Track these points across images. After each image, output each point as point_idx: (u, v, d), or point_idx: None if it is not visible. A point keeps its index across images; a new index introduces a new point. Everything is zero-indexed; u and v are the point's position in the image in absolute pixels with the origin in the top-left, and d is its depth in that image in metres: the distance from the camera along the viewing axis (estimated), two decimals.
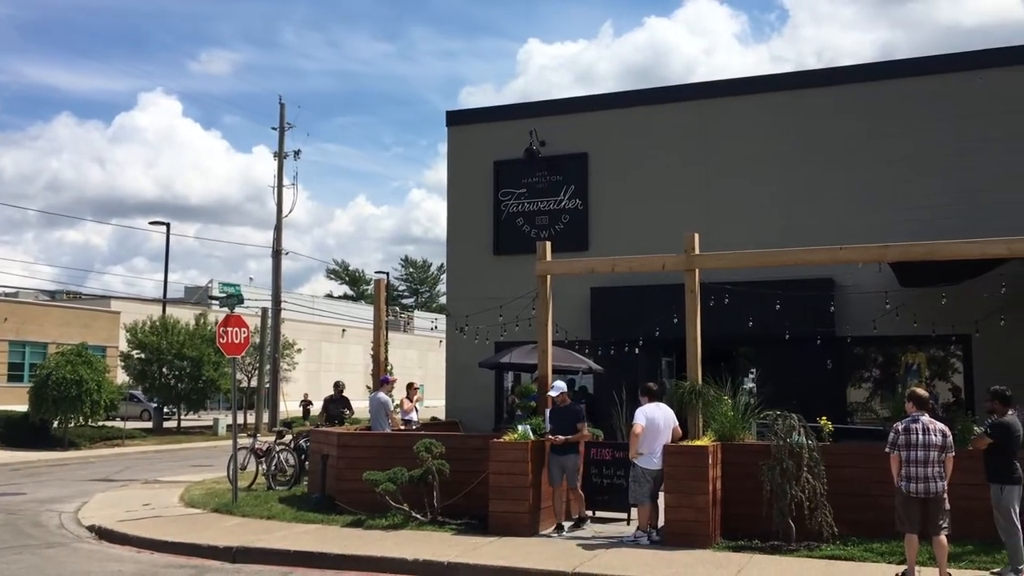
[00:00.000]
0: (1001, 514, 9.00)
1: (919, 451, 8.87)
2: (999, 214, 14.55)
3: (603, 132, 18.46)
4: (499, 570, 9.57)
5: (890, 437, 9.07)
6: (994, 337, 14.28)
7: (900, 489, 8.92)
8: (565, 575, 9.32)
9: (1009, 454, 9.09)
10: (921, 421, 9.03)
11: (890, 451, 9.01)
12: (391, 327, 48.71)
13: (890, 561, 9.52)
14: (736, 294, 14.15)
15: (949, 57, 16.70)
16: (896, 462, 8.95)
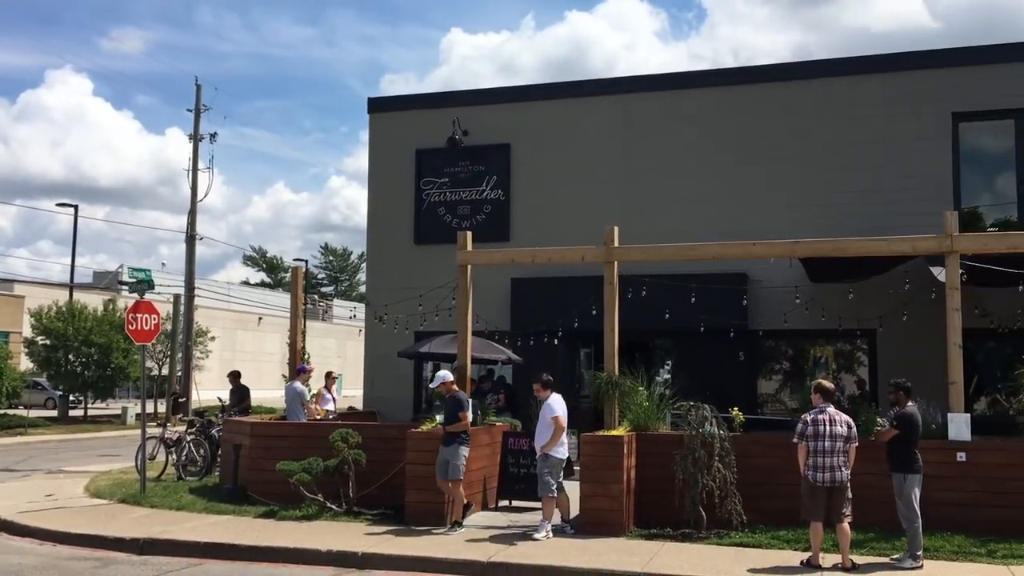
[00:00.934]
0: (903, 502, 9.34)
1: (826, 442, 9.19)
2: (906, 212, 15.04)
3: (526, 123, 18.50)
4: (414, 560, 9.55)
5: (798, 428, 9.35)
6: (897, 332, 14.80)
7: (807, 478, 9.20)
8: (480, 564, 9.35)
9: (912, 444, 9.46)
10: (828, 412, 9.35)
11: (798, 441, 9.29)
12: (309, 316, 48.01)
13: (796, 548, 9.81)
14: (653, 287, 14.36)
15: (858, 60, 17.21)
16: (803, 452, 9.24)
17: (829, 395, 9.55)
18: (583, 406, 17.40)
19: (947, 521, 10.28)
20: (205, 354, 39.17)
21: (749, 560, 9.39)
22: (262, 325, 59.97)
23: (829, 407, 9.41)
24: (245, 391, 16.74)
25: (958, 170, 15.94)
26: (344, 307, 67.04)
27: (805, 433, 9.26)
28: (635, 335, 15.38)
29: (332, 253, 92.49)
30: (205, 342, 38.66)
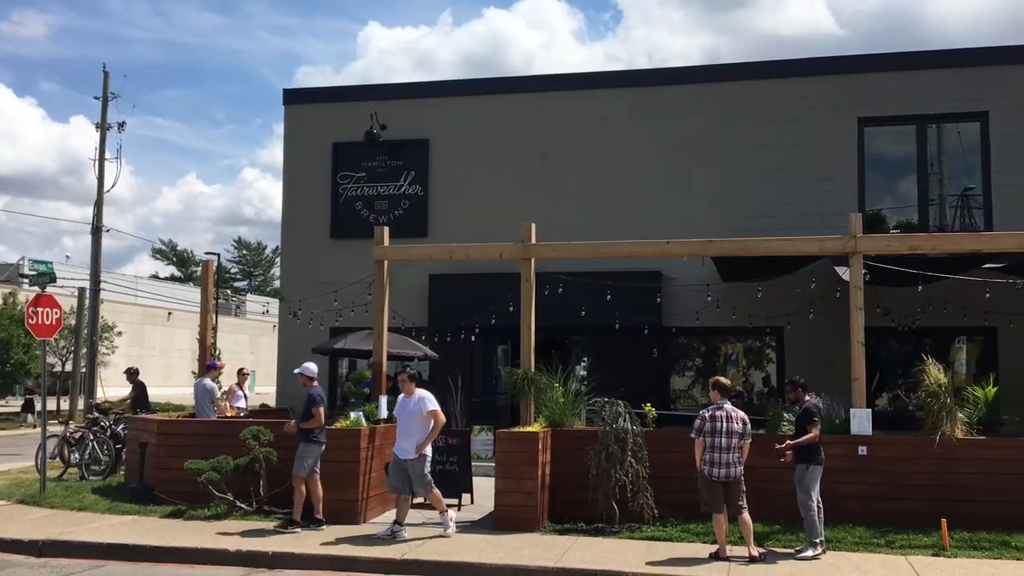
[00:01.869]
0: (803, 491, 9.63)
1: (722, 438, 9.45)
2: (814, 214, 15.51)
3: (445, 119, 18.43)
4: (326, 559, 9.42)
5: (696, 424, 9.57)
6: (804, 329, 15.25)
7: (703, 473, 9.46)
8: (394, 562, 9.29)
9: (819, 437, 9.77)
10: (725, 409, 9.61)
11: (696, 437, 9.51)
12: (222, 311, 46.94)
13: (705, 541, 10.02)
14: (571, 284, 14.48)
15: (769, 64, 17.67)
16: (700, 447, 9.47)
17: (727, 392, 9.81)
18: (500, 403, 17.47)
19: (849, 513, 10.65)
20: (111, 350, 37.93)
21: (659, 553, 9.54)
22: (172, 320, 58.34)
23: (726, 403, 9.67)
24: (142, 388, 16.33)
25: (863, 173, 16.51)
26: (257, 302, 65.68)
27: (703, 429, 9.49)
28: (552, 332, 15.52)
29: (246, 247, 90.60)
30: (111, 337, 37.44)
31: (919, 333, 15.61)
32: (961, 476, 10.61)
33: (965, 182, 16.61)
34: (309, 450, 10.87)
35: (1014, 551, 9.53)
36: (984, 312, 13.89)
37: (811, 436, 9.62)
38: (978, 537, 9.95)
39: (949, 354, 16.10)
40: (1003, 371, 14.72)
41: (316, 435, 10.95)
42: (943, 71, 16.29)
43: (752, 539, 9.37)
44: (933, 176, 16.77)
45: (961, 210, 16.76)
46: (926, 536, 9.99)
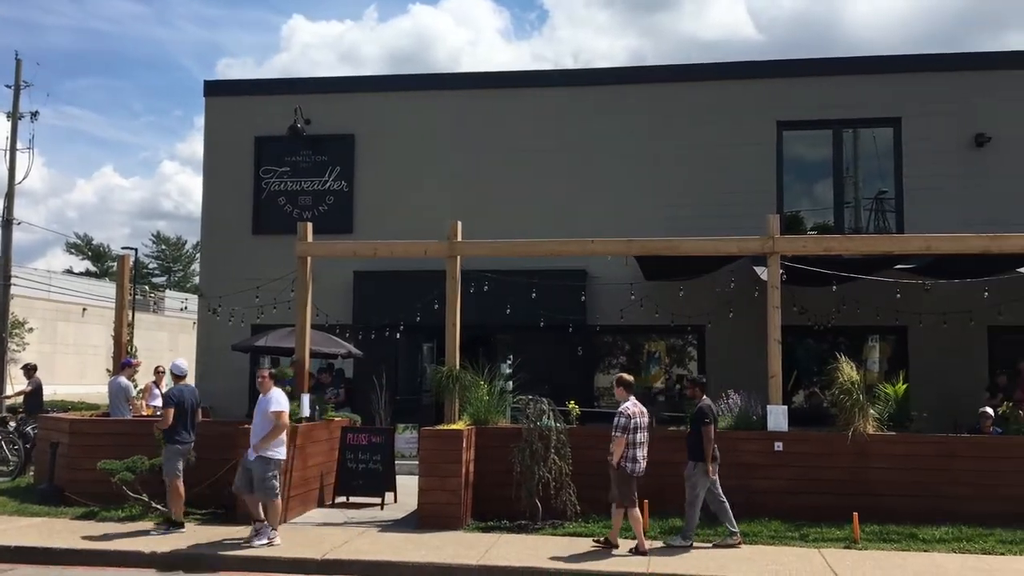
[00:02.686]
0: (690, 487, 9.93)
1: (639, 434, 9.73)
2: (735, 215, 15.79)
3: (371, 114, 18.26)
4: (243, 560, 9.25)
5: (620, 421, 9.68)
6: (724, 328, 15.56)
7: (624, 469, 9.60)
8: (314, 562, 9.17)
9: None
10: (637, 405, 9.88)
11: (621, 435, 9.62)
12: (140, 307, 45.70)
13: (625, 537, 10.13)
14: (497, 282, 14.50)
15: (692, 67, 17.97)
16: (623, 444, 9.59)
17: (631, 388, 10.01)
18: (425, 401, 17.41)
19: (765, 507, 10.90)
20: (22, 346, 36.64)
21: (581, 548, 9.62)
22: (87, 316, 56.49)
23: (632, 398, 9.87)
24: (38, 386, 15.85)
25: (781, 176, 16.90)
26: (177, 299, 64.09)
27: (627, 427, 9.64)
28: (478, 330, 15.51)
29: (165, 242, 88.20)
30: (22, 334, 36.16)
31: (834, 332, 16.07)
32: (872, 471, 10.96)
33: (879, 185, 17.14)
34: (169, 451, 10.51)
35: (921, 543, 9.88)
36: (895, 312, 14.37)
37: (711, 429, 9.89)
38: (888, 530, 10.29)
39: (862, 352, 16.61)
40: (913, 369, 15.29)
41: (176, 436, 10.50)
42: (858, 77, 16.78)
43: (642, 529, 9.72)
44: (848, 180, 17.27)
45: (875, 213, 17.29)
46: (839, 529, 10.28)
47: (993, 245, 11.62)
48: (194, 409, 10.76)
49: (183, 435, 10.58)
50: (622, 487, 9.63)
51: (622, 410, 9.76)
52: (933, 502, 10.77)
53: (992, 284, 13.60)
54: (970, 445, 11.11)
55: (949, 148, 16.24)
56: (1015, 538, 9.97)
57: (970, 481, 10.80)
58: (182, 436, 10.57)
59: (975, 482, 10.79)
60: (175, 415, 10.43)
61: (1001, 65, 16.50)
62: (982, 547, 9.71)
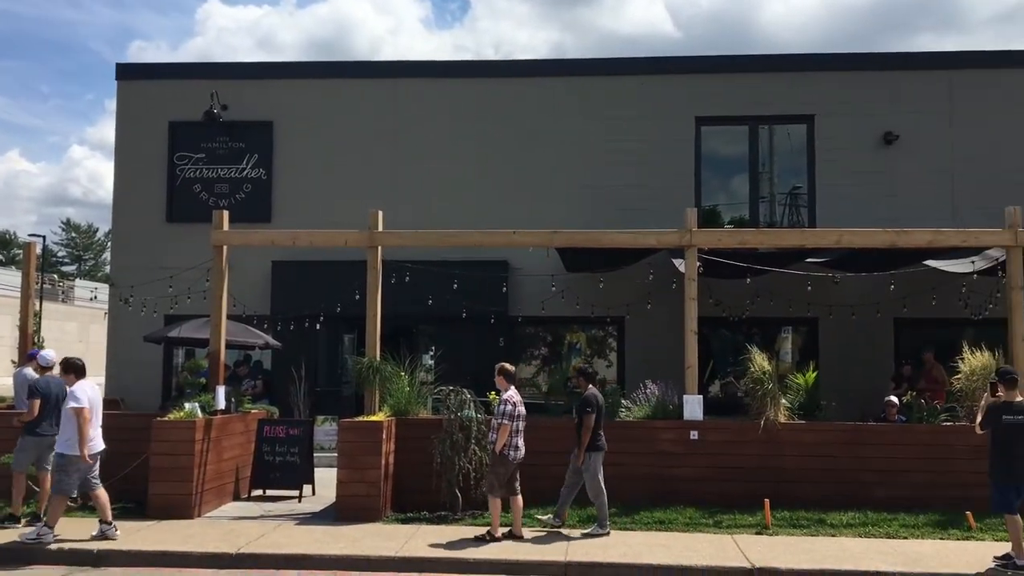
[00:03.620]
0: (588, 477, 10.08)
1: (521, 422, 9.90)
2: (655, 208, 16.00)
3: (290, 101, 17.92)
4: (155, 555, 9.02)
5: (505, 409, 9.77)
6: (643, 319, 15.77)
7: (506, 457, 9.72)
8: (229, 557, 9.00)
9: (596, 425, 10.16)
10: (518, 394, 10.03)
11: (507, 423, 9.72)
12: (47, 296, 44.08)
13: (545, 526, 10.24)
14: (419, 272, 14.41)
15: (614, 61, 18.09)
16: (507, 432, 9.70)
17: (512, 377, 10.16)
18: (346, 392, 17.23)
19: (681, 495, 11.14)
20: None
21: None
22: None
23: (512, 387, 10.04)
24: None
25: (700, 171, 17.19)
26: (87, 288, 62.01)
27: (514, 415, 9.78)
28: (400, 320, 15.42)
29: (75, 229, 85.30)
30: None
31: (749, 323, 16.45)
32: (783, 458, 11.28)
33: (793, 181, 17.57)
34: (24, 443, 10.20)
35: (829, 528, 10.21)
36: (807, 304, 14.80)
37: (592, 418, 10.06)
38: (798, 515, 10.61)
39: (776, 343, 17.04)
40: (823, 359, 15.77)
41: (36, 428, 10.16)
42: (774, 75, 17.16)
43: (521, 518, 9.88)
44: (764, 175, 17.67)
45: (789, 208, 17.74)
46: (751, 516, 10.56)
47: (899, 240, 12.05)
48: (59, 402, 10.13)
49: (44, 427, 10.21)
50: (499, 475, 9.76)
51: (506, 398, 9.85)
52: (841, 488, 11.14)
53: (898, 277, 14.11)
54: (876, 433, 11.52)
55: (859, 146, 16.74)
56: (917, 522, 10.39)
57: (876, 468, 11.21)
58: (43, 428, 10.20)
59: (881, 468, 11.20)
60: (40, 406, 10.10)
61: (909, 66, 17.08)
62: (887, 531, 10.08)
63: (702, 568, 8.62)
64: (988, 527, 10.09)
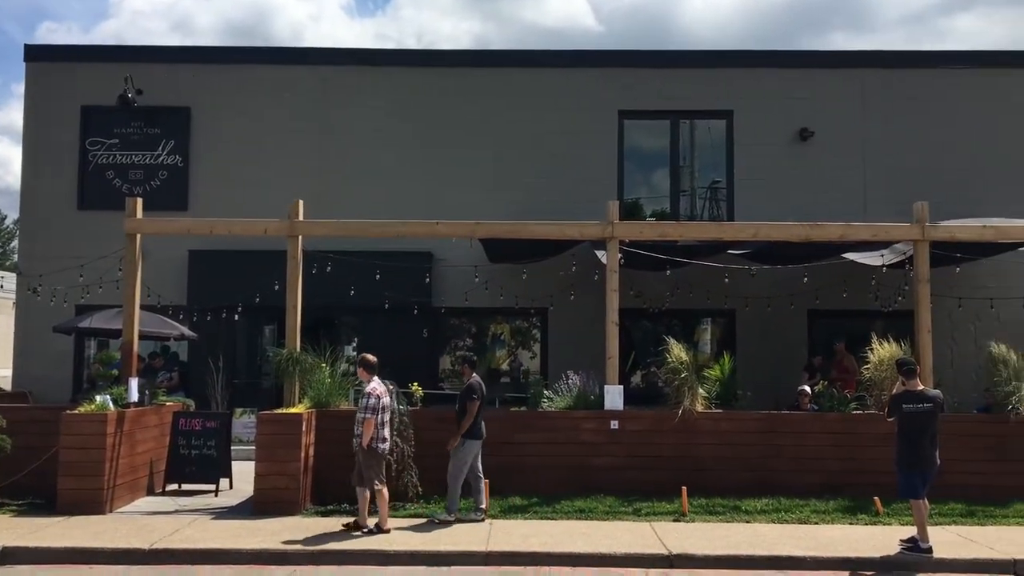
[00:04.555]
0: (454, 463, 10.20)
1: (387, 414, 9.89)
2: (578, 200, 16.08)
3: (210, 87, 17.49)
4: (64, 552, 8.75)
5: (369, 402, 9.71)
6: (566, 310, 15.90)
7: (375, 449, 9.67)
8: (141, 552, 8.78)
9: (478, 413, 10.26)
10: (383, 385, 9.98)
11: (371, 416, 9.65)
12: None
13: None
14: (341, 263, 14.25)
15: (538, 53, 18.10)
16: (373, 425, 9.64)
17: (374, 368, 10.05)
18: (266, 384, 16.95)
19: (601, 484, 11.28)
20: None
21: (423, 529, 9.65)
22: None
23: (376, 378, 9.95)
24: None
25: (622, 163, 17.36)
26: None
27: (377, 407, 9.71)
28: (321, 311, 15.25)
29: None
30: None
31: (669, 315, 16.72)
32: (700, 447, 11.52)
33: (713, 175, 17.89)
34: None
35: (744, 515, 10.47)
36: (725, 296, 15.09)
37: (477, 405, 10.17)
38: (714, 503, 10.85)
39: (695, 334, 17.37)
40: (740, 350, 16.12)
41: None
42: (694, 70, 17.43)
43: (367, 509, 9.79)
44: (685, 169, 17.95)
45: (709, 201, 18.07)
46: (669, 504, 10.76)
47: (812, 233, 12.39)
48: None
49: None
50: (373, 468, 9.70)
51: (370, 391, 9.78)
52: (756, 475, 11.43)
53: (811, 270, 14.49)
54: (789, 421, 11.84)
55: (776, 141, 17.12)
56: (828, 508, 10.73)
57: (789, 455, 11.53)
58: None
59: (793, 456, 11.52)
60: None
61: (823, 64, 17.52)
62: (798, 517, 10.38)
63: (621, 555, 8.74)
64: (895, 512, 10.48)
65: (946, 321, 14.92)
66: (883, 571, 8.55)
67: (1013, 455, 11.44)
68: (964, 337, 15.41)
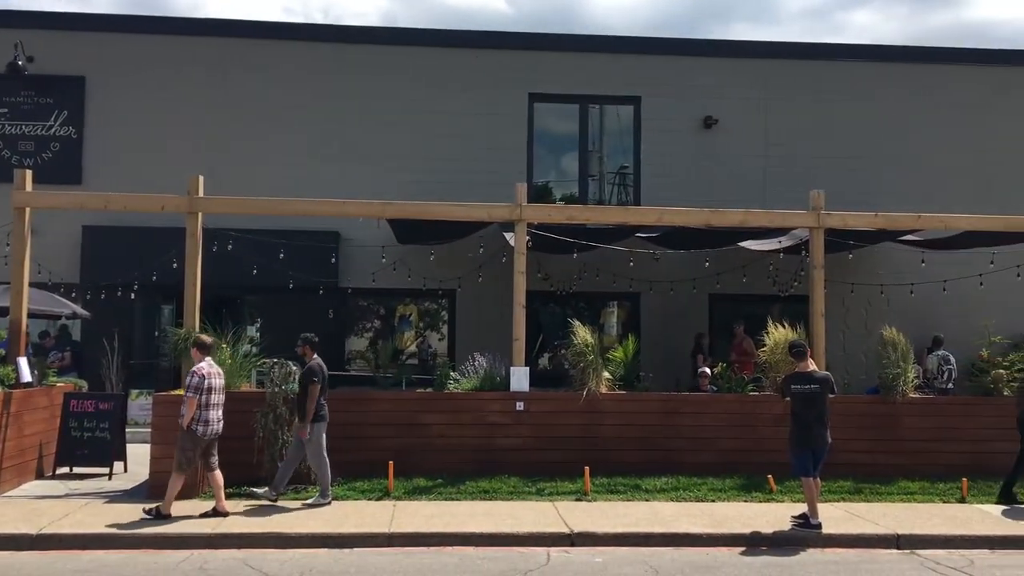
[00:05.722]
0: (311, 449, 10.03)
1: (214, 395, 9.58)
2: (489, 182, 16.08)
3: (107, 56, 16.79)
4: None
5: (192, 381, 9.43)
6: (474, 292, 15.91)
7: (194, 432, 9.37)
8: (28, 538, 8.44)
9: (321, 395, 10.13)
10: (214, 366, 9.74)
11: (192, 395, 9.36)
12: None
13: (370, 497, 10.20)
14: (245, 241, 13.93)
15: (449, 33, 17.89)
16: (194, 405, 9.36)
17: (206, 348, 9.80)
18: (164, 365, 16.48)
19: (507, 464, 11.35)
20: None
21: (323, 512, 9.55)
22: None
23: (208, 359, 9.72)
24: None
25: (532, 146, 17.42)
26: None
27: (200, 387, 9.41)
28: (223, 290, 14.89)
29: None
30: None
31: (576, 297, 16.90)
32: (604, 427, 11.69)
33: (621, 160, 18.11)
34: None
35: (644, 493, 10.69)
36: (630, 279, 15.34)
37: (317, 388, 10.00)
38: (615, 482, 11.03)
39: (601, 317, 17.61)
40: (644, 333, 16.40)
41: None
42: (603, 55, 17.58)
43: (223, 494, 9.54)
44: (594, 153, 18.13)
45: (617, 186, 18.29)
46: (572, 483, 10.89)
47: (714, 219, 12.68)
48: None
49: None
50: (187, 452, 9.40)
51: (195, 370, 9.51)
52: (657, 455, 11.67)
53: (712, 255, 14.86)
54: (688, 402, 12.12)
55: (681, 128, 17.42)
56: (724, 486, 11.03)
57: (688, 435, 11.80)
58: None
59: (692, 436, 11.80)
60: None
61: (728, 54, 17.89)
62: (696, 495, 10.65)
63: (524, 535, 8.82)
64: (788, 490, 10.85)
65: (839, 306, 15.51)
66: (775, 546, 8.85)
67: (899, 435, 11.97)
68: (856, 321, 16.04)
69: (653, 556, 8.40)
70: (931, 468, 11.78)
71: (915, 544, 8.96)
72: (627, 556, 8.39)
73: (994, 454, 11.21)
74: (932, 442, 11.96)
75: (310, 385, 9.98)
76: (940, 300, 15.76)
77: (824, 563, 8.33)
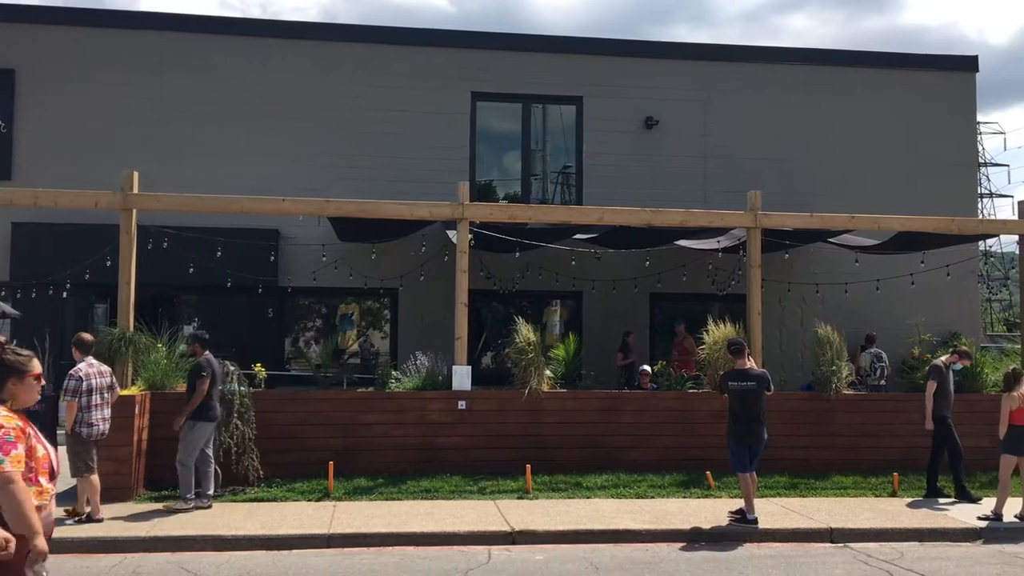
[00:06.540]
0: (183, 447, 9.74)
1: (96, 395, 9.30)
2: (432, 180, 16.03)
3: (38, 49, 16.32)
4: None
5: (69, 384, 9.14)
6: (416, 291, 15.84)
7: (80, 435, 9.13)
8: None
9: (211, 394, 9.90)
10: (95, 365, 9.41)
11: (71, 399, 9.10)
12: None
13: (309, 498, 10.09)
14: (182, 239, 13.66)
15: (391, 30, 17.81)
16: (74, 408, 9.11)
17: (86, 347, 9.53)
18: None
19: (449, 463, 11.34)
20: None
21: (261, 513, 9.43)
22: None
23: (89, 358, 9.46)
24: None
25: (475, 145, 17.40)
26: None
27: (78, 389, 9.15)
28: (159, 289, 14.62)
29: None
30: None
31: (519, 296, 16.93)
32: (545, 426, 11.74)
33: (564, 160, 18.19)
34: None
35: (585, 491, 10.76)
36: (572, 278, 15.42)
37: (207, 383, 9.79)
38: (557, 480, 11.09)
39: (544, 316, 17.67)
40: (586, 332, 16.52)
41: None
42: (546, 55, 17.61)
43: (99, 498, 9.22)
44: (537, 153, 18.18)
45: (560, 186, 18.37)
46: (514, 481, 10.93)
47: (655, 219, 12.82)
48: None
49: None
50: (80, 453, 9.18)
51: (72, 372, 9.24)
52: (598, 452, 11.76)
53: (653, 255, 15.01)
54: (629, 400, 12.24)
55: (622, 129, 17.55)
56: (663, 482, 11.17)
57: (629, 432, 11.92)
58: None
59: (633, 433, 11.92)
60: None
61: (669, 55, 18.08)
62: (636, 492, 10.76)
63: (465, 534, 8.81)
64: (725, 485, 11.02)
65: (776, 305, 15.81)
66: (713, 542, 8.98)
67: (833, 430, 12.24)
68: (792, 319, 16.36)
69: (594, 553, 8.46)
70: (864, 463, 12.09)
71: (848, 538, 9.17)
72: (568, 554, 8.44)
73: (925, 449, 11.53)
74: (865, 437, 12.26)
75: (198, 380, 9.73)
76: (873, 299, 16.14)
77: (761, 557, 8.48)
